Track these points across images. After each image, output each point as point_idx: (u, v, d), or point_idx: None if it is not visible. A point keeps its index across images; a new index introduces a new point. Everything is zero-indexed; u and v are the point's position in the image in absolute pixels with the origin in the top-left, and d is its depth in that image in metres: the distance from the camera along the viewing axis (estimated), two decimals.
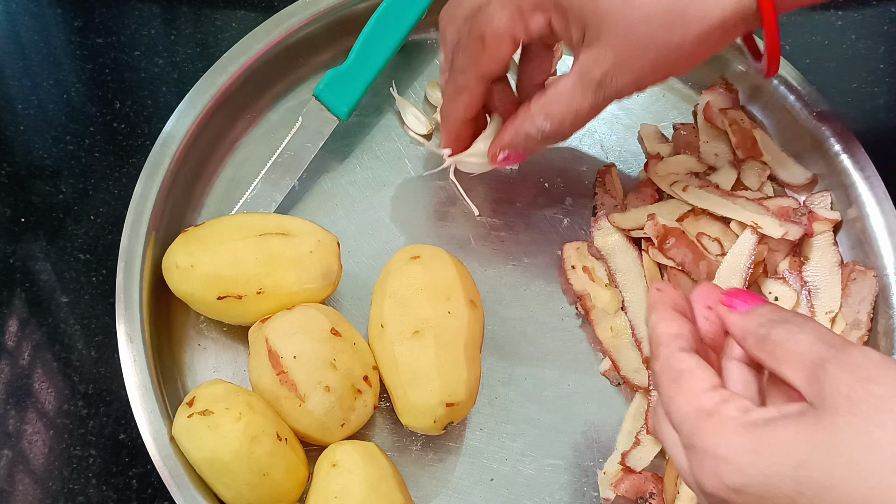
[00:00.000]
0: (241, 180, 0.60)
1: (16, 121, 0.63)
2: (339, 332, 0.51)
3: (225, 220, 0.54)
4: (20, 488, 0.53)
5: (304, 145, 0.59)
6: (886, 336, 0.56)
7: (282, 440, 0.49)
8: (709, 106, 0.62)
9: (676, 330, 0.41)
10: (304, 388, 0.49)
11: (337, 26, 0.63)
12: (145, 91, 0.65)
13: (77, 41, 0.66)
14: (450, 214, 0.61)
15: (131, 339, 0.52)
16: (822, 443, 0.34)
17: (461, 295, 0.53)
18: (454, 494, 0.54)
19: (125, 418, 0.55)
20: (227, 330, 0.56)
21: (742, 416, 0.36)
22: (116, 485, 0.54)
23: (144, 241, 0.54)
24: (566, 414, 0.56)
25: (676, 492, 0.53)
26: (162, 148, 0.57)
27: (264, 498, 0.49)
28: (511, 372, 0.57)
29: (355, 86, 0.59)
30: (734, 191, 0.60)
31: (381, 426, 0.55)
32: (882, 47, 0.69)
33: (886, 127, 0.67)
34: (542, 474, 0.54)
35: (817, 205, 0.60)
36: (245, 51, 0.60)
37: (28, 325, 0.58)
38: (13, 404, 0.55)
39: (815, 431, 0.35)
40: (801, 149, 0.62)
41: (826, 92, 0.62)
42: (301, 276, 0.52)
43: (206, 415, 0.48)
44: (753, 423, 0.36)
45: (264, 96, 0.62)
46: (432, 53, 0.65)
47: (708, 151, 0.62)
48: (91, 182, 0.62)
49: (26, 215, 0.60)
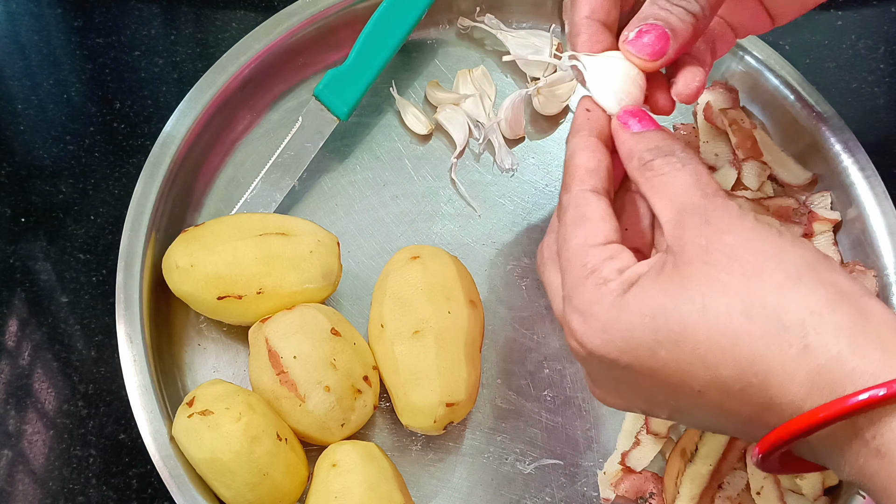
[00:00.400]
0: (241, 180, 0.60)
1: (16, 121, 0.63)
2: (339, 332, 0.51)
3: (225, 220, 0.54)
4: (20, 488, 0.53)
5: (304, 145, 0.59)
6: None
7: (282, 440, 0.49)
8: (709, 106, 0.62)
9: (595, 164, 0.41)
10: (304, 388, 0.49)
11: (337, 26, 0.63)
12: (145, 91, 0.65)
13: (77, 41, 0.66)
14: (450, 214, 0.61)
15: (131, 339, 0.52)
16: (676, 292, 0.35)
17: (461, 295, 0.53)
18: (454, 494, 0.54)
19: (125, 418, 0.55)
20: (227, 330, 0.56)
21: (618, 276, 0.37)
22: (116, 485, 0.54)
23: (144, 241, 0.54)
24: (566, 414, 0.56)
25: (676, 492, 0.53)
26: (162, 148, 0.57)
27: (264, 498, 0.49)
28: (511, 372, 0.57)
29: (355, 86, 0.59)
30: (734, 191, 0.60)
31: (381, 426, 0.55)
32: (882, 47, 0.69)
33: (886, 127, 0.67)
34: (542, 474, 0.54)
35: (817, 205, 0.60)
36: (245, 51, 0.60)
37: (28, 325, 0.58)
38: (13, 404, 0.55)
39: (671, 282, 0.36)
40: (801, 149, 0.62)
41: (826, 92, 0.62)
42: (301, 276, 0.52)
43: (206, 415, 0.48)
44: (626, 281, 0.37)
45: (264, 96, 0.62)
46: (432, 53, 0.65)
47: (708, 151, 0.62)
48: (91, 182, 0.62)
49: (26, 215, 0.60)
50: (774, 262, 0.35)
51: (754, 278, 0.34)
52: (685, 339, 0.35)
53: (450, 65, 0.65)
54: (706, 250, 0.35)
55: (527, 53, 0.62)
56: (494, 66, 0.65)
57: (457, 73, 0.64)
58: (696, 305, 0.35)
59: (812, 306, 0.33)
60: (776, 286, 0.34)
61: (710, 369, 0.35)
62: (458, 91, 0.63)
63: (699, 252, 0.36)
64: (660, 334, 0.36)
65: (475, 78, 0.63)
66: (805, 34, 0.69)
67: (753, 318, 0.34)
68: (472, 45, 0.65)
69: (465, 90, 0.63)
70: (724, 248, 0.35)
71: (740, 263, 0.35)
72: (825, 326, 0.33)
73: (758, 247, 0.35)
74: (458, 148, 0.61)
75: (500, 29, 0.64)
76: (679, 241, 0.37)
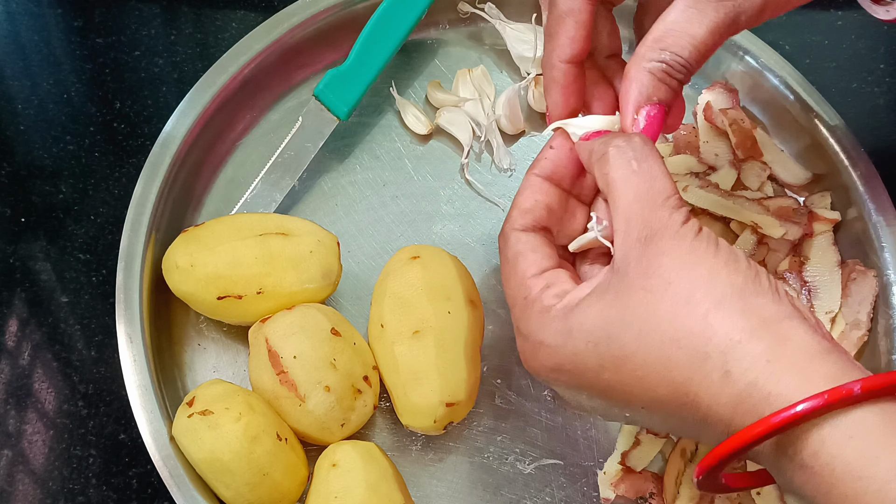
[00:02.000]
0: (241, 180, 0.60)
1: (16, 121, 0.63)
2: (339, 332, 0.51)
3: (225, 220, 0.54)
4: (20, 488, 0.53)
5: (304, 145, 0.59)
6: (886, 336, 0.56)
7: (282, 440, 0.49)
8: (709, 106, 0.62)
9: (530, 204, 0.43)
10: (304, 388, 0.49)
11: (337, 26, 0.63)
12: (145, 91, 0.65)
13: (77, 41, 0.66)
14: (450, 214, 0.61)
15: (131, 339, 0.52)
16: (616, 320, 0.38)
17: (461, 295, 0.53)
18: (454, 494, 0.54)
19: (125, 418, 0.55)
20: (227, 330, 0.56)
21: (558, 302, 0.40)
22: (116, 485, 0.54)
23: (144, 241, 0.54)
24: (566, 414, 0.56)
25: (676, 492, 0.53)
26: (162, 148, 0.57)
27: (264, 498, 0.49)
28: (511, 372, 0.57)
29: (355, 86, 0.59)
30: (734, 191, 0.60)
31: (381, 426, 0.55)
32: (882, 47, 0.69)
33: (886, 127, 0.67)
34: (542, 474, 0.54)
35: (817, 205, 0.60)
36: (245, 51, 0.60)
37: (28, 325, 0.58)
38: (13, 404, 0.55)
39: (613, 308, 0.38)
40: (801, 149, 0.62)
41: (826, 92, 0.62)
42: (301, 276, 0.52)
43: (206, 415, 0.48)
44: (567, 306, 0.40)
45: (264, 96, 0.62)
46: (432, 53, 0.65)
47: (708, 151, 0.62)
48: (91, 182, 0.62)
49: (26, 215, 0.60)
50: (704, 289, 0.37)
51: (684, 307, 0.37)
52: (625, 364, 0.38)
53: (450, 65, 0.65)
54: (645, 274, 0.38)
55: (523, 50, 0.63)
56: (493, 65, 0.65)
57: (456, 73, 0.64)
58: (633, 332, 0.37)
59: (733, 335, 0.36)
60: (702, 315, 0.36)
61: (648, 390, 0.38)
62: (458, 91, 0.63)
63: (639, 277, 0.38)
64: (603, 359, 0.38)
65: (475, 78, 0.63)
66: (805, 34, 0.69)
67: (682, 346, 0.36)
68: (472, 45, 0.65)
69: (465, 90, 0.63)
70: (662, 272, 0.38)
71: (673, 291, 0.37)
72: (744, 355, 0.35)
73: (691, 273, 0.37)
74: (466, 148, 0.61)
75: (500, 20, 0.64)
76: (624, 261, 0.39)
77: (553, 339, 0.40)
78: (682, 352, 0.36)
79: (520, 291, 0.42)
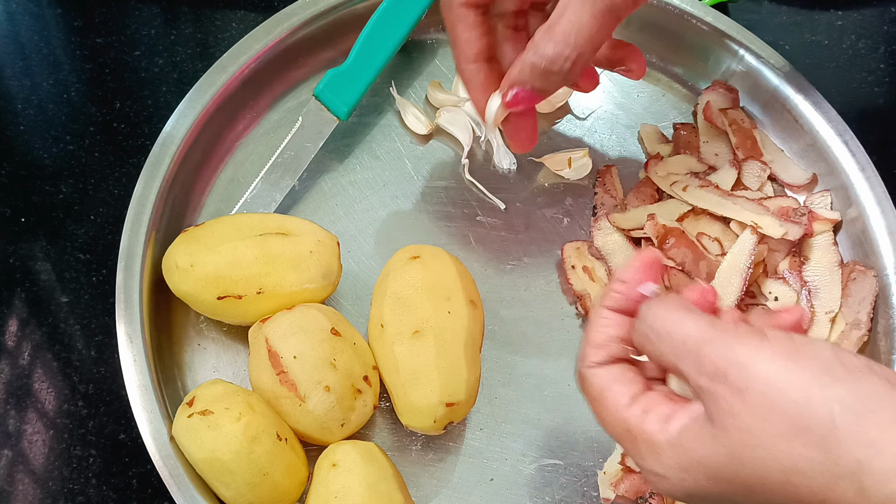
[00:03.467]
0: (241, 180, 0.60)
1: (16, 121, 0.63)
2: (339, 332, 0.51)
3: (225, 220, 0.54)
4: (20, 488, 0.53)
5: (304, 145, 0.59)
6: (886, 336, 0.56)
7: (282, 440, 0.49)
8: (709, 106, 0.62)
9: (603, 339, 0.41)
10: (304, 388, 0.49)
11: (337, 26, 0.63)
12: (145, 91, 0.65)
13: (77, 41, 0.66)
14: (450, 214, 0.61)
15: (131, 339, 0.52)
16: (727, 454, 0.36)
17: (461, 295, 0.53)
18: (454, 494, 0.54)
19: (125, 418, 0.55)
20: (227, 330, 0.56)
21: (662, 430, 0.38)
22: (116, 485, 0.54)
23: (144, 241, 0.54)
24: (566, 414, 0.56)
25: None
26: (162, 148, 0.57)
27: (264, 498, 0.49)
28: (511, 372, 0.57)
29: (355, 86, 0.59)
30: (734, 191, 0.60)
31: (381, 426, 0.55)
32: (882, 47, 0.69)
33: (886, 127, 0.67)
34: (542, 474, 0.54)
35: (817, 205, 0.60)
36: (245, 51, 0.60)
37: (28, 325, 0.58)
38: (13, 404, 0.55)
39: (718, 444, 0.36)
40: (801, 149, 0.62)
41: (826, 92, 0.62)
42: (301, 276, 0.52)
43: (206, 415, 0.48)
44: (672, 439, 0.37)
45: (264, 96, 0.62)
46: (432, 53, 0.65)
47: (708, 151, 0.62)
48: (91, 182, 0.62)
49: (26, 215, 0.60)
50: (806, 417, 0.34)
51: (793, 439, 0.34)
52: (752, 492, 0.36)
53: (450, 65, 0.65)
54: (734, 415, 0.36)
55: None
56: None
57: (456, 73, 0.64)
58: (748, 470, 0.35)
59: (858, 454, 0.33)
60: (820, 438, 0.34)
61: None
62: (458, 91, 0.63)
63: (728, 418, 0.36)
64: (733, 491, 0.37)
65: None
66: (805, 34, 0.69)
67: (806, 475, 0.34)
68: None
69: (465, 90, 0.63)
70: (749, 410, 0.35)
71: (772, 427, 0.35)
72: (877, 470, 0.33)
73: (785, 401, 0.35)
74: (466, 148, 0.61)
75: None
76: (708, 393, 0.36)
77: (673, 475, 0.38)
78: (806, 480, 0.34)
79: (619, 426, 0.39)
